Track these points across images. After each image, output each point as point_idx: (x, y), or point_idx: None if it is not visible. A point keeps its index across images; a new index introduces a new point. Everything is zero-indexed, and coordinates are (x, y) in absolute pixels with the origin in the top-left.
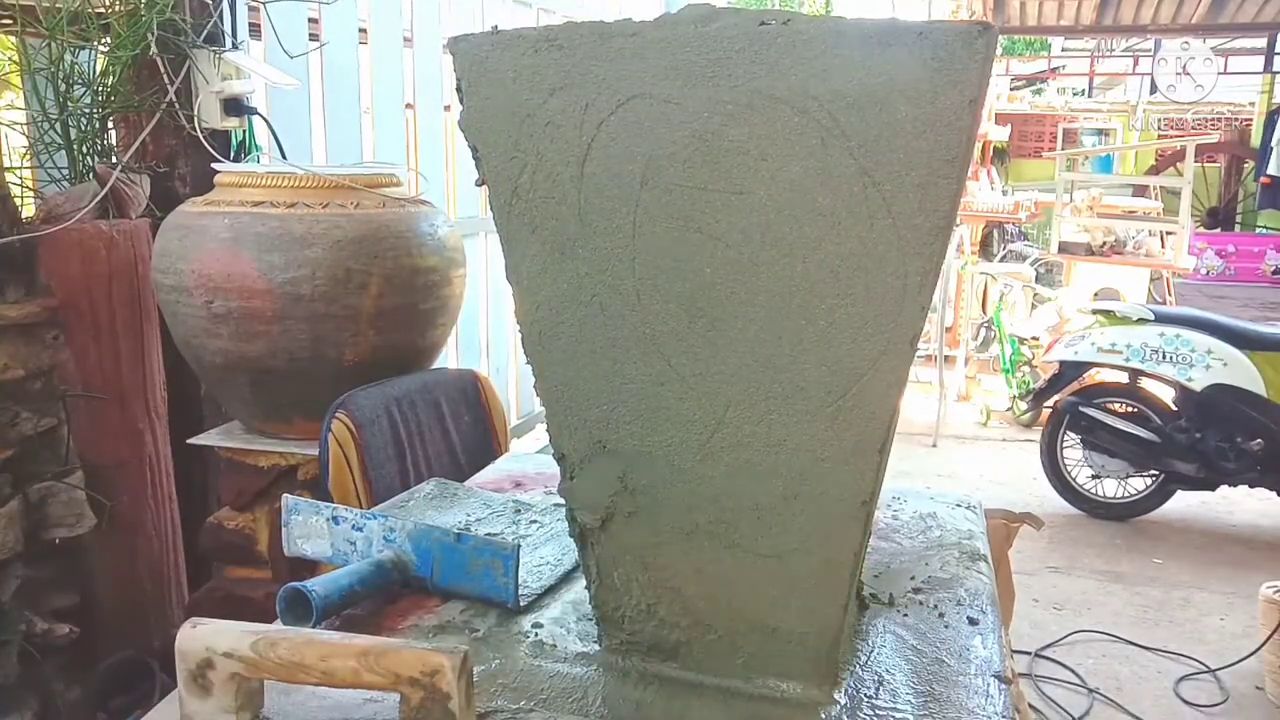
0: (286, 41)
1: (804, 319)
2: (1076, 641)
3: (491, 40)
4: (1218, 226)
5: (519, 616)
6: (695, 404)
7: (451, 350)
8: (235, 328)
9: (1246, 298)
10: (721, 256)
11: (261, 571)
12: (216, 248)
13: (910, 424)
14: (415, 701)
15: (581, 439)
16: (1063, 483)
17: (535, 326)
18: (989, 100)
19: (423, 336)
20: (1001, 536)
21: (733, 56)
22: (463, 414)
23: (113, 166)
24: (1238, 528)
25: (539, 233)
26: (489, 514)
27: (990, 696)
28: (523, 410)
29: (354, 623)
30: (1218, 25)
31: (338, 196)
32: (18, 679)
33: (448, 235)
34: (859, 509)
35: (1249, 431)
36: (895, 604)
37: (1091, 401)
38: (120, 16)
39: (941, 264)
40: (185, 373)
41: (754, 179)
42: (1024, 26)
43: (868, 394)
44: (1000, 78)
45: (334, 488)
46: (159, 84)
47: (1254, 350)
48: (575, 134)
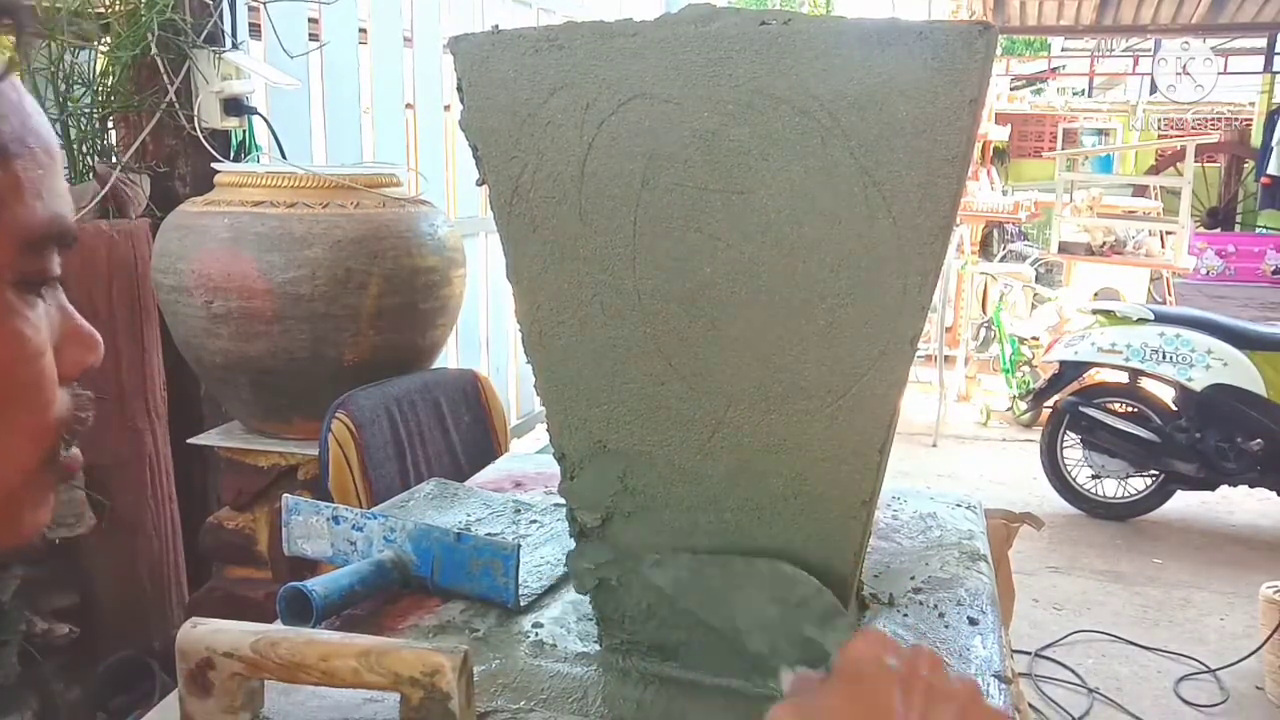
0: (286, 41)
1: (804, 319)
2: (1076, 641)
3: (492, 40)
4: (1218, 226)
5: (519, 616)
6: (695, 404)
7: (451, 350)
8: (235, 328)
9: (1246, 298)
10: (721, 256)
11: (261, 571)
12: (216, 248)
13: (910, 424)
14: (415, 701)
15: (581, 439)
16: (1063, 483)
17: (535, 326)
18: (989, 100)
19: (423, 336)
20: (1001, 536)
21: (733, 56)
22: (463, 414)
23: (113, 166)
24: (1238, 528)
25: (539, 232)
26: (489, 514)
27: (990, 696)
28: (523, 410)
29: (354, 623)
30: (1218, 25)
31: (338, 196)
32: (18, 679)
33: (448, 235)
34: (859, 509)
35: (1249, 431)
36: (895, 604)
37: (1091, 401)
38: (120, 16)
39: (942, 264)
40: (185, 373)
41: (754, 179)
42: (1024, 26)
43: (868, 394)
44: (1000, 78)
45: (334, 488)
46: (159, 84)
47: (1254, 350)
48: (576, 134)
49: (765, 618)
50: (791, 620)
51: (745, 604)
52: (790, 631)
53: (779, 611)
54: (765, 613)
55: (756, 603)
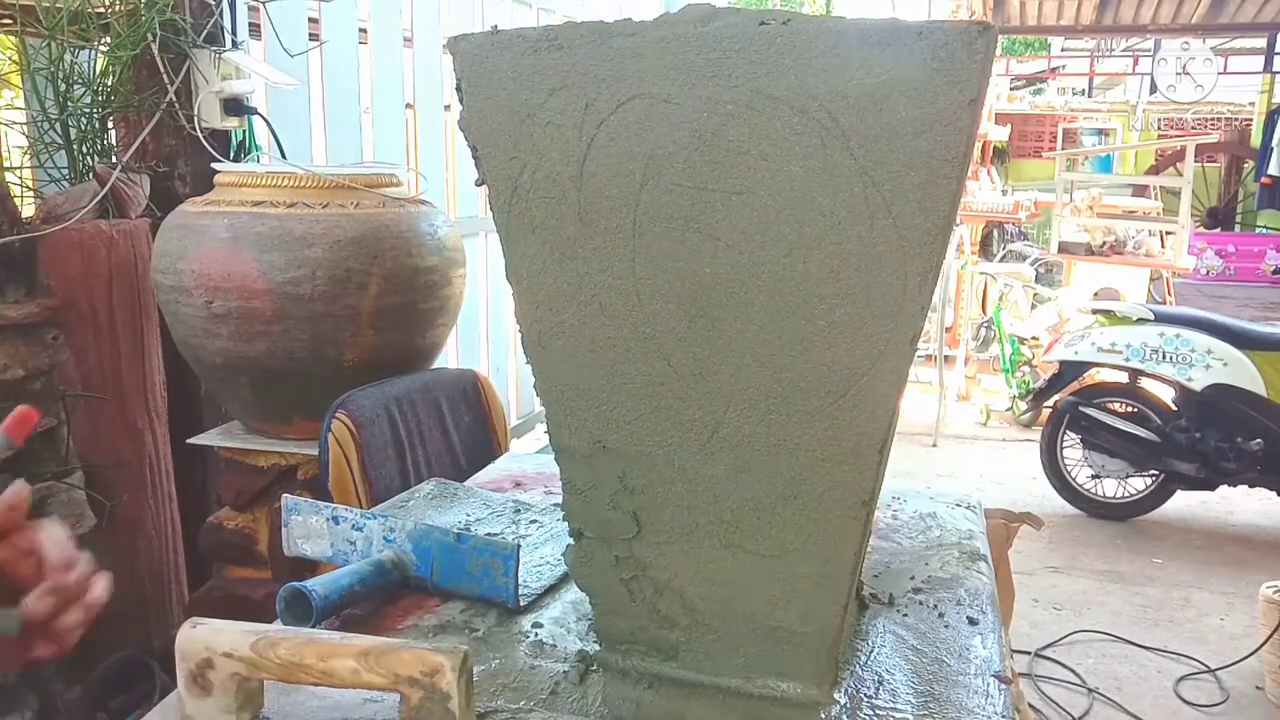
0: (286, 41)
1: (804, 319)
2: (1076, 641)
3: (491, 40)
4: (1218, 226)
5: (519, 616)
6: (695, 404)
7: (451, 350)
8: (235, 328)
9: (1246, 298)
10: (721, 256)
11: (261, 571)
12: (216, 248)
13: (910, 424)
14: (415, 701)
15: (581, 439)
16: (1063, 483)
17: (535, 326)
18: (989, 100)
19: (423, 336)
20: (1001, 536)
21: (733, 56)
22: (463, 414)
23: (113, 166)
24: (1238, 528)
25: (539, 232)
26: (489, 514)
27: (990, 696)
28: (523, 410)
29: (354, 623)
30: (1218, 25)
31: (338, 196)
32: (18, 679)
33: (448, 235)
34: (859, 509)
35: (1249, 431)
36: (895, 604)
37: (1091, 401)
38: (120, 16)
39: (941, 264)
40: (185, 373)
41: (754, 179)
42: (1024, 26)
43: (868, 394)
44: (1000, 78)
45: (334, 488)
46: (159, 84)
47: (1254, 350)
48: (575, 134)
49: None
50: None
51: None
52: None
53: None
54: None
55: None
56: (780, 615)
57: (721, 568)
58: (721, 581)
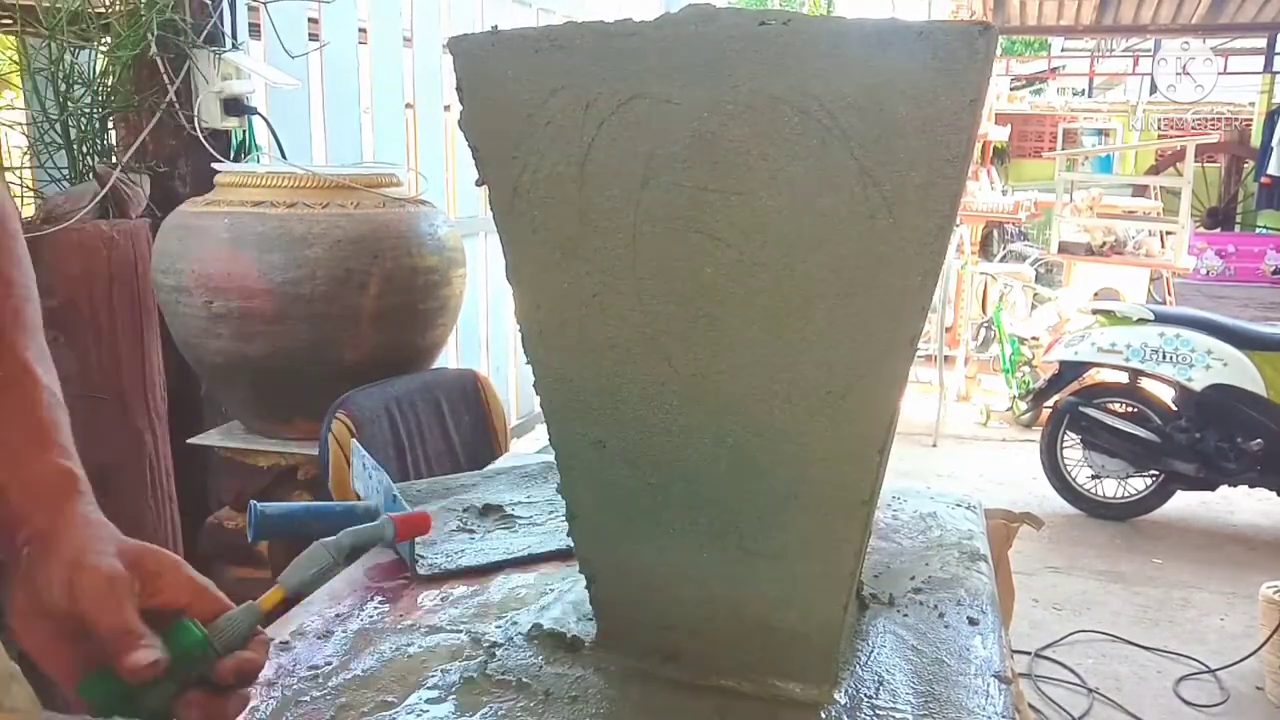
0: (286, 41)
1: (804, 319)
2: (1076, 641)
3: (491, 40)
4: (1218, 226)
5: (518, 616)
6: (696, 404)
7: (451, 350)
8: (235, 328)
9: (1246, 298)
10: (721, 256)
11: (261, 571)
12: (216, 248)
13: (910, 424)
14: None
15: (582, 439)
16: (1063, 483)
17: (535, 326)
18: (989, 100)
19: (423, 336)
20: (1001, 536)
21: (733, 56)
22: (463, 414)
23: (113, 166)
24: (1238, 528)
25: (539, 232)
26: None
27: (990, 696)
28: (523, 410)
29: (352, 622)
30: (1218, 25)
31: (338, 196)
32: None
33: (448, 235)
34: (859, 509)
35: (1249, 431)
36: (895, 604)
37: (1091, 401)
38: (120, 16)
39: (942, 264)
40: (185, 373)
41: (754, 179)
42: (1024, 26)
43: (868, 394)
44: (1000, 78)
45: (334, 488)
46: (159, 84)
47: (1254, 350)
48: (576, 134)
49: None
50: None
51: None
52: None
53: None
54: None
55: None
56: (780, 615)
57: (721, 568)
58: (722, 581)
